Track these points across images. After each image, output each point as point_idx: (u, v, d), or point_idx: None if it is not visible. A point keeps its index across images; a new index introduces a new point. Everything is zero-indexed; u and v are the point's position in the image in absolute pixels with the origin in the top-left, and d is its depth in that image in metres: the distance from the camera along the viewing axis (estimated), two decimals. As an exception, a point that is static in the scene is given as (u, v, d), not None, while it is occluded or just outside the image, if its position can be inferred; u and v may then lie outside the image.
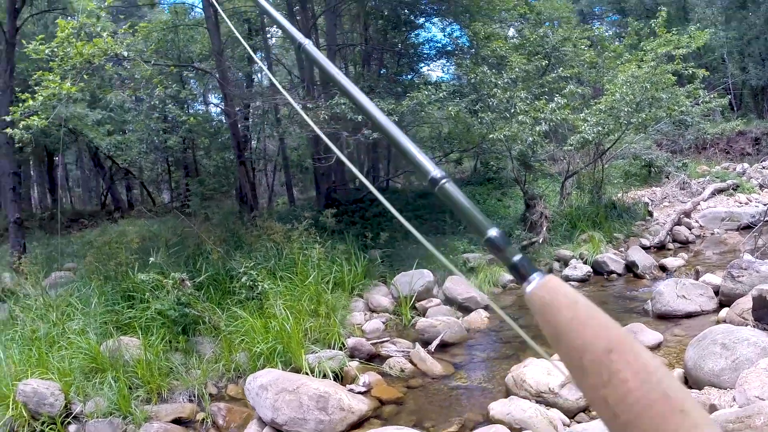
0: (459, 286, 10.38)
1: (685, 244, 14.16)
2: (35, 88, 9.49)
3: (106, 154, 21.06)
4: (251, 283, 8.89)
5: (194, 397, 7.07)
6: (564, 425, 5.53)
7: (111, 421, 6.52)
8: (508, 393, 6.22)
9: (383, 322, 9.51)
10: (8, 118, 9.63)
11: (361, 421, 6.13)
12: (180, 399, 7.07)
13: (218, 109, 22.58)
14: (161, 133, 18.23)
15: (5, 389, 6.70)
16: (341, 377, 7.22)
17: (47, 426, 6.42)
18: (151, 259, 8.98)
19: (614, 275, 11.37)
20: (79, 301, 8.92)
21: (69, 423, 6.60)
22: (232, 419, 6.68)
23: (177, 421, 6.69)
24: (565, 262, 11.99)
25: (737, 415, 4.42)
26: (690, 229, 15.12)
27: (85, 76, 9.85)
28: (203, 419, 6.74)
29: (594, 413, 5.61)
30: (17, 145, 11.64)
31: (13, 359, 7.31)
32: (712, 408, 5.11)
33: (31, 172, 29.22)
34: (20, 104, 9.38)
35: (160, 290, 8.52)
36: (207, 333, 8.30)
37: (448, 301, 10.25)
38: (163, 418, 6.66)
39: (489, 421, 5.67)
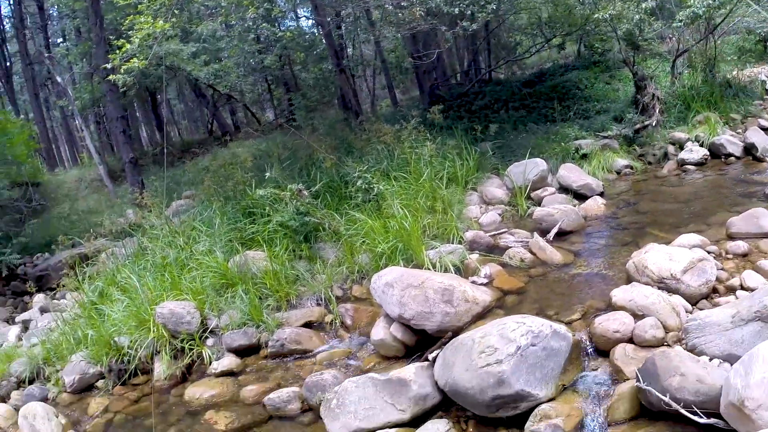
0: (573, 173, 10.02)
1: (808, 122, 12.99)
2: (128, 33, 9.65)
3: (206, 83, 21.36)
4: (366, 186, 8.89)
5: (321, 300, 7.29)
6: (686, 312, 5.32)
7: (245, 331, 6.83)
8: (629, 279, 5.98)
9: (499, 214, 9.35)
10: (109, 66, 9.86)
11: (485, 312, 6.10)
12: (308, 304, 7.31)
13: (309, 23, 22.45)
14: (256, 54, 18.31)
15: (145, 314, 7.14)
16: (462, 270, 7.18)
17: (186, 342, 6.80)
18: (267, 174, 9.15)
19: (732, 158, 10.57)
20: (202, 224, 9.29)
21: (206, 337, 6.98)
22: (360, 318, 6.84)
23: (307, 325, 6.95)
24: (680, 145, 11.27)
25: None
26: (813, 107, 13.79)
27: (175, 11, 9.91)
28: (332, 320, 6.96)
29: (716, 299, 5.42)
30: (122, 90, 11.98)
31: (148, 286, 7.77)
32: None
33: (137, 113, 30.21)
34: (117, 51, 9.58)
35: (278, 203, 8.70)
36: (328, 239, 8.46)
37: (563, 189, 9.92)
38: (294, 323, 6.91)
39: (611, 307, 5.50)
